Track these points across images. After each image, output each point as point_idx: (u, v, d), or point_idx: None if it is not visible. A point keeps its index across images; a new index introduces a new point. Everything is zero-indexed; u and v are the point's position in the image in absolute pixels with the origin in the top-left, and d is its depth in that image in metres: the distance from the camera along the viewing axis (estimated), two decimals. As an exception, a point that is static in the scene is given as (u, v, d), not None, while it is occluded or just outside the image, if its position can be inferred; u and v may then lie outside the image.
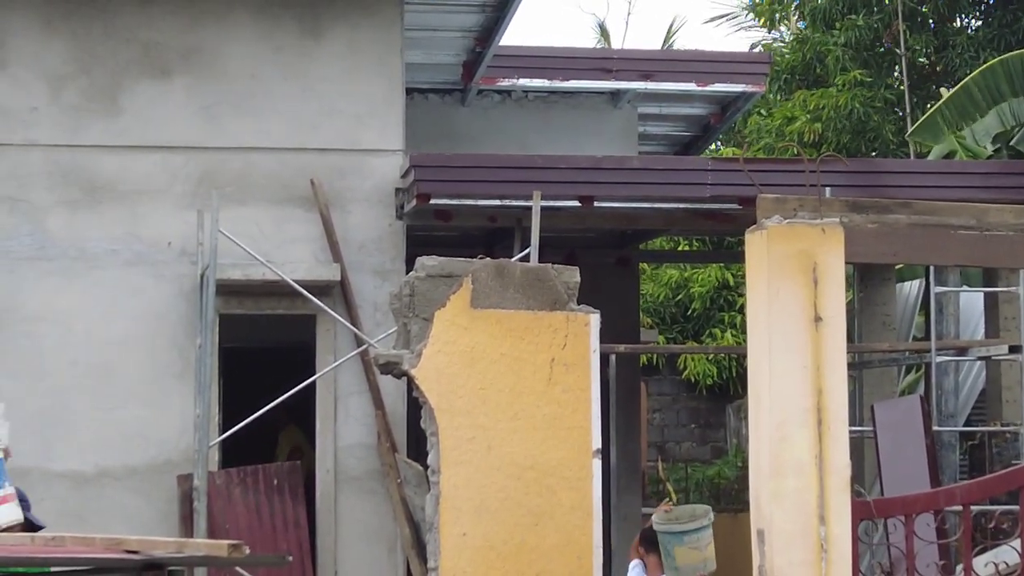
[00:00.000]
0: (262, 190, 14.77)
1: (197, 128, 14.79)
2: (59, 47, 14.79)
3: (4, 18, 14.69)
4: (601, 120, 19.30)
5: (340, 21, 15.06)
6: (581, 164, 16.40)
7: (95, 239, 14.62)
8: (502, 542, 12.18)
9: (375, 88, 15.05)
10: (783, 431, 10.10)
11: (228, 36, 14.91)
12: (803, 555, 9.91)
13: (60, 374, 14.36)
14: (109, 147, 14.69)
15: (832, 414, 10.18)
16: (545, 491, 12.31)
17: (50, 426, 14.27)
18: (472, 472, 12.14)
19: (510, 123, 18.80)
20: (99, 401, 14.10)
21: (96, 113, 14.76)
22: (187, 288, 14.52)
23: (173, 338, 14.57)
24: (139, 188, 14.67)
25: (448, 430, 12.25)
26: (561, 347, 12.37)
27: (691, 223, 18.13)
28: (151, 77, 14.79)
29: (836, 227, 10.22)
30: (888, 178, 15.92)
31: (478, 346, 12.30)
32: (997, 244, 11.57)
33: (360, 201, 14.82)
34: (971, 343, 16.95)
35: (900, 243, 11.62)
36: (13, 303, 14.44)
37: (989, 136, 20.60)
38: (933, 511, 12.63)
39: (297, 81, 14.97)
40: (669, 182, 16.97)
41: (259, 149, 14.82)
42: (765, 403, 10.17)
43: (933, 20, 26.04)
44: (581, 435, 12.32)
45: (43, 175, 14.64)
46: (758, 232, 10.24)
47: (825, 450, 10.11)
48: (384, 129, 15.01)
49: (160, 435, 14.37)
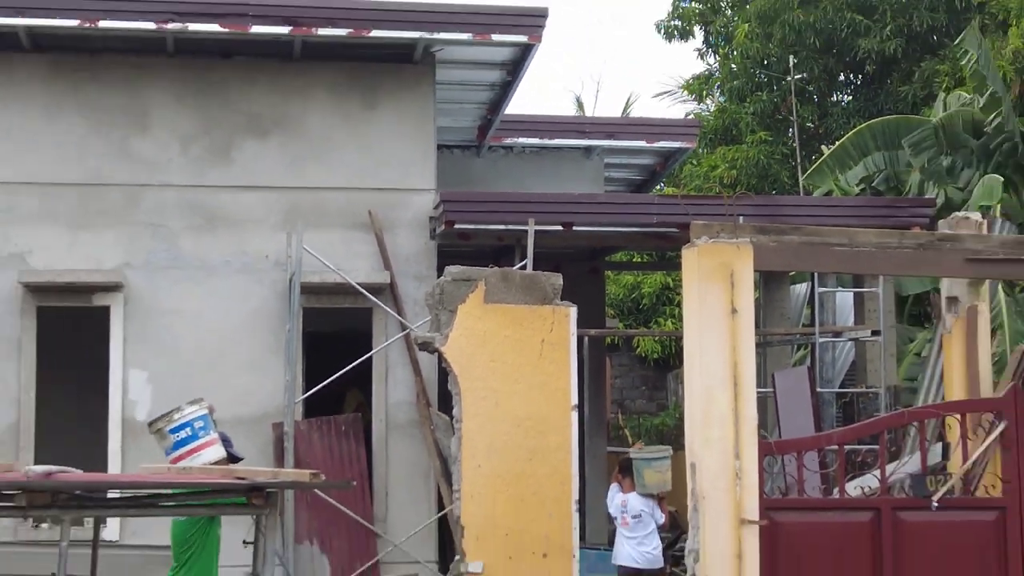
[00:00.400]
0: (333, 218, 14.78)
1: (286, 174, 14.82)
2: (188, 115, 14.79)
3: (149, 95, 14.71)
4: (578, 168, 19.28)
5: (390, 97, 15.08)
6: (563, 199, 16.44)
7: (214, 254, 14.62)
8: (506, 471, 12.24)
9: (415, 145, 15.06)
10: (710, 393, 10.18)
11: (308, 108, 14.94)
12: (723, 482, 9.97)
13: (190, 353, 14.37)
14: (223, 187, 14.70)
15: (744, 380, 10.26)
16: (537, 435, 12.36)
17: (183, 390, 14.15)
18: (484, 421, 12.20)
19: (511, 170, 18.81)
20: (218, 372, 14.10)
21: (214, 162, 14.76)
22: (279, 289, 14.53)
23: (269, 326, 14.58)
24: (245, 217, 14.69)
25: (467, 391, 12.33)
26: (549, 331, 12.45)
27: (642, 242, 18.14)
28: (254, 137, 14.78)
29: (747, 245, 10.29)
30: (784, 210, 15.97)
31: (489, 331, 12.37)
32: (863, 257, 11.67)
33: (404, 226, 14.85)
34: (844, 328, 16.98)
35: (793, 256, 11.69)
36: (155, 302, 14.44)
37: (857, 179, 20.61)
38: (817, 449, 12.68)
39: (359, 140, 14.96)
40: (627, 212, 17.06)
41: (331, 189, 14.84)
42: (696, 372, 10.26)
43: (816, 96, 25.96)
44: (563, 395, 12.37)
45: (176, 207, 14.63)
46: (691, 248, 10.39)
47: (740, 406, 10.17)
48: (421, 174, 15.04)
49: (260, 395, 14.40)
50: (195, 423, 9.01)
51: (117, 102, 14.74)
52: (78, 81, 14.74)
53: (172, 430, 8.93)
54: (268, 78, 15.03)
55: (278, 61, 14.98)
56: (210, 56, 14.90)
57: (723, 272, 10.49)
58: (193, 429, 8.95)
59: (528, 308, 12.40)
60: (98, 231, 14.58)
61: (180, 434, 8.90)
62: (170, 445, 8.96)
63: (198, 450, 8.81)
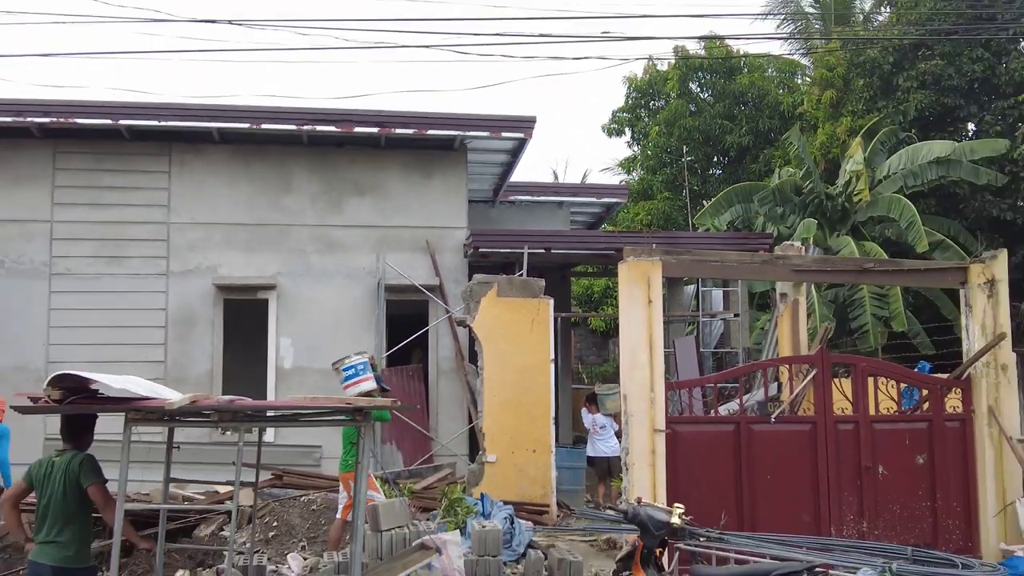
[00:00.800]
0: (404, 245, 14.71)
1: (376, 218, 14.75)
2: (315, 182, 14.75)
3: (291, 169, 14.67)
4: (553, 214, 19.20)
5: (439, 171, 15.04)
6: (545, 234, 16.40)
7: (330, 267, 14.59)
8: (510, 400, 12.31)
9: (454, 200, 15.05)
10: (634, 352, 10.16)
11: (389, 177, 14.87)
12: (643, 405, 9.95)
13: (315, 327, 14.33)
14: (337, 226, 14.65)
15: (656, 344, 10.23)
16: (529, 379, 12.43)
17: (311, 350, 14.20)
18: (498, 369, 12.28)
19: (513, 216, 18.77)
20: (332, 339, 14.00)
21: (331, 211, 14.69)
22: (371, 289, 14.48)
23: (364, 311, 14.51)
24: (350, 245, 14.62)
25: (487, 351, 12.43)
26: (536, 315, 12.54)
27: (594, 260, 18.19)
28: (355, 195, 14.75)
29: (657, 262, 10.29)
30: (680, 240, 15.88)
31: (500, 314, 12.44)
32: (728, 268, 11.63)
33: (448, 250, 14.81)
34: (717, 313, 16.93)
35: (686, 268, 11.68)
36: (295, 296, 14.40)
37: (725, 223, 20.55)
38: (700, 387, 12.67)
39: (420, 197, 14.91)
40: (584, 242, 17.11)
41: (403, 227, 14.77)
42: (627, 339, 10.22)
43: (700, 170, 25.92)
44: (544, 353, 12.46)
45: (308, 239, 14.59)
46: (624, 263, 10.35)
47: (653, 360, 10.16)
48: (458, 218, 15.00)
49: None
50: (357, 366, 9.38)
51: (272, 173, 14.75)
52: (248, 161, 14.76)
53: (343, 369, 9.38)
54: (365, 159, 14.95)
55: (371, 148, 14.89)
56: (329, 145, 14.87)
57: (643, 278, 10.53)
58: (356, 370, 9.34)
59: (524, 300, 12.54)
60: (260, 253, 14.58)
61: (347, 372, 9.36)
62: (342, 378, 9.41)
63: (358, 383, 9.23)
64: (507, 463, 11.83)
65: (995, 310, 11.15)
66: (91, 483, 6.00)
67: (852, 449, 10.63)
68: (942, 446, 10.90)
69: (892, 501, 10.66)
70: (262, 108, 14.51)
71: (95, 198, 14.37)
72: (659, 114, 26.30)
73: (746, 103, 25.33)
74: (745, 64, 25.76)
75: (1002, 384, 11.04)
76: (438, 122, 14.66)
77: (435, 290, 14.62)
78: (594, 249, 16.54)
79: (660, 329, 10.48)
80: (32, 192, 14.27)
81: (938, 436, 10.92)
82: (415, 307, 14.94)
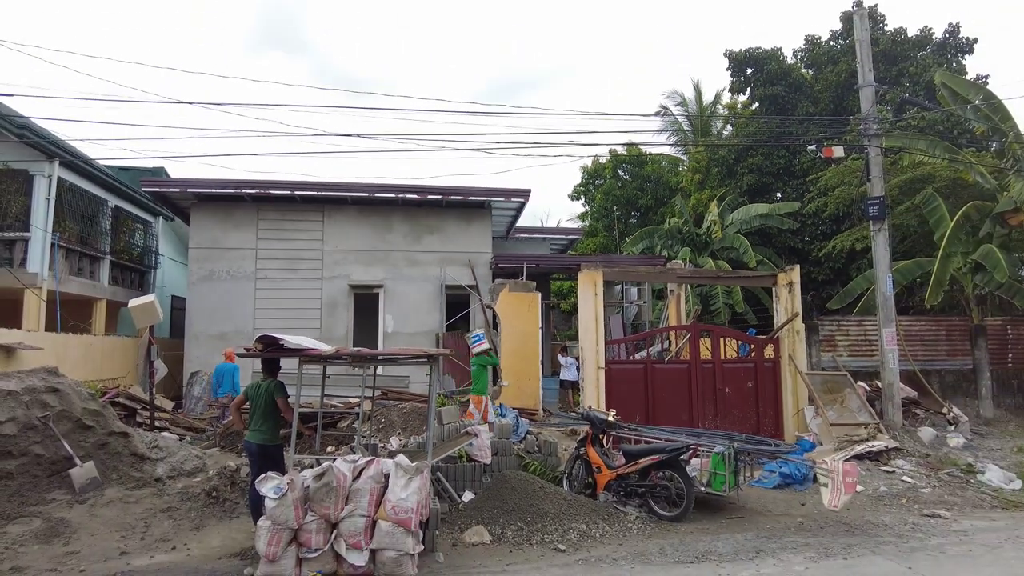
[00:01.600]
0: (456, 262, 14.55)
1: (440, 246, 14.61)
2: (405, 226, 14.61)
3: (391, 218, 14.50)
4: (540, 245, 19.16)
5: (476, 220, 14.87)
6: (536, 256, 16.36)
7: (415, 275, 14.45)
8: (517, 351, 12.24)
9: (484, 237, 14.88)
10: (587, 323, 10.12)
11: (446, 223, 14.75)
12: (592, 353, 9.92)
13: (406, 309, 14.20)
14: (418, 251, 14.56)
15: (599, 319, 10.20)
16: (527, 339, 12.36)
17: (404, 323, 14.11)
18: (509, 333, 12.19)
19: (518, 246, 18.59)
20: (416, 316, 13.98)
21: (414, 242, 14.55)
22: (437, 287, 14.36)
23: (433, 300, 14.36)
24: (425, 262, 14.50)
25: (504, 323, 12.34)
26: (531, 302, 12.46)
27: (564, 271, 17.86)
28: (427, 233, 14.66)
29: (600, 271, 10.26)
30: (614, 259, 15.84)
31: (511, 301, 12.35)
32: (641, 274, 11.56)
33: (481, 265, 14.63)
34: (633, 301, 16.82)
35: (617, 276, 11.56)
36: (394, 291, 14.34)
37: (640, 250, 20.40)
38: (623, 343, 12.56)
39: (465, 235, 14.75)
40: (558, 260, 16.91)
41: (455, 252, 14.61)
42: (583, 316, 10.18)
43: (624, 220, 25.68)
44: (536, 324, 12.39)
45: (401, 258, 14.47)
46: (581, 273, 10.29)
47: (598, 327, 10.13)
48: (487, 247, 14.82)
49: (430, 324, 14.21)
50: (476, 336, 9.82)
51: (380, 221, 14.64)
52: (367, 213, 14.64)
53: (473, 338, 9.83)
54: (434, 212, 14.77)
55: (437, 207, 14.75)
56: (413, 205, 14.69)
57: (592, 281, 10.52)
58: (477, 337, 9.79)
59: (524, 294, 12.49)
60: (374, 267, 14.48)
61: (475, 339, 9.78)
62: (471, 341, 9.87)
63: (478, 346, 9.62)
64: (514, 386, 11.82)
65: (792, 300, 11.16)
66: (279, 396, 6.09)
67: (710, 379, 10.66)
68: (762, 377, 10.92)
69: (733, 408, 10.68)
70: (375, 184, 14.45)
71: (280, 235, 14.40)
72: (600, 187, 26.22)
73: (650, 181, 25.18)
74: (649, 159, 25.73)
75: (797, 341, 11.06)
76: (475, 192, 14.60)
77: (474, 288, 14.53)
78: (564, 264, 16.46)
79: (601, 310, 10.51)
80: (245, 232, 14.31)
81: (760, 371, 10.95)
82: (462, 297, 14.87)
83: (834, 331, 13.41)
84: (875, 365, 12.15)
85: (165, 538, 6.23)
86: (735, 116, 22.46)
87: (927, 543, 6.25)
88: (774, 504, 7.72)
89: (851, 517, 7.15)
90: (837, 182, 15.99)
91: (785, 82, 19.87)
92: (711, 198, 20.87)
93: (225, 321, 13.86)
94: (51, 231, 12.62)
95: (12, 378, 7.36)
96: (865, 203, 11.31)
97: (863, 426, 10.22)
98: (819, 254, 17.74)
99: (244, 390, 6.30)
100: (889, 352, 10.90)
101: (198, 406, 12.10)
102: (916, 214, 14.55)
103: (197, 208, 14.25)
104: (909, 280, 14.59)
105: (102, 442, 7.42)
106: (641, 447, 7.57)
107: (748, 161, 19.98)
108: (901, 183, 14.02)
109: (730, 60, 20.57)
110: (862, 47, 11.38)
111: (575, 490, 7.45)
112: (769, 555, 5.78)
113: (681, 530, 6.63)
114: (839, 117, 17.03)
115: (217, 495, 7.11)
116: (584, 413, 8.21)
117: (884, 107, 16.37)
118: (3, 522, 6.29)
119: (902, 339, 12.66)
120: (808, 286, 17.76)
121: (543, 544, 6.09)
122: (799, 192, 19.22)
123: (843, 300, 15.52)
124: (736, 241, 18.62)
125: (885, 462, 9.38)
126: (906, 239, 16.10)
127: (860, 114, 11.53)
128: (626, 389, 10.32)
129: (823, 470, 6.71)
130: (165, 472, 7.53)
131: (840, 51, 20.02)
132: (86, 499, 6.81)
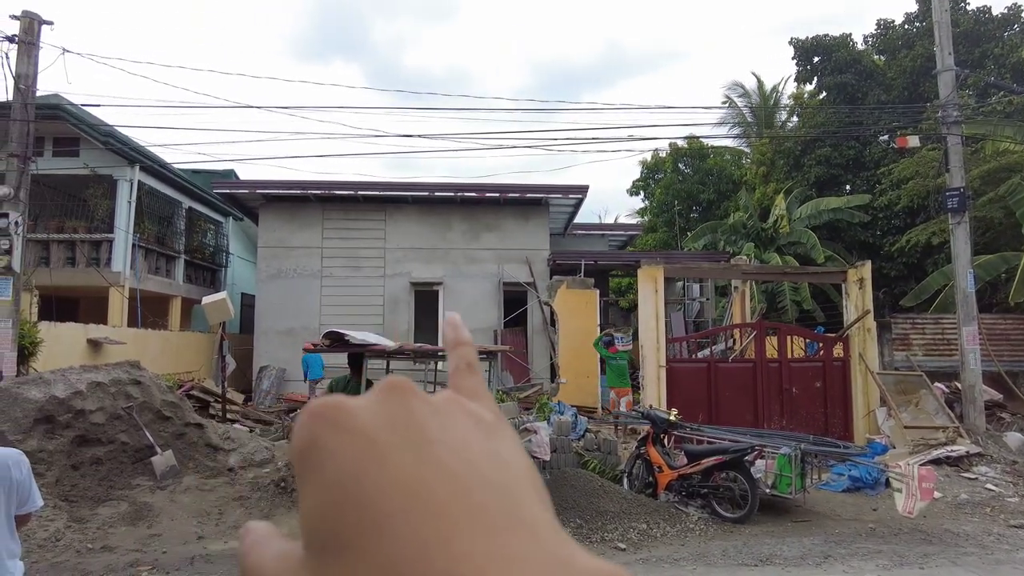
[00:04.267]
0: (514, 259, 14.59)
1: (498, 244, 14.69)
2: (464, 224, 14.77)
3: (450, 218, 14.70)
4: (599, 241, 19.08)
5: (534, 216, 14.90)
6: (595, 252, 16.26)
7: (473, 272, 14.60)
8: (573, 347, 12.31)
9: (542, 234, 14.87)
10: (647, 320, 10.06)
11: (504, 220, 14.81)
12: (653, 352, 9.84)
13: (467, 304, 14.27)
14: (477, 248, 14.69)
15: (660, 316, 10.13)
16: (584, 334, 12.36)
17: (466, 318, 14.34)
18: (567, 330, 12.24)
19: (576, 242, 18.46)
20: (475, 311, 14.08)
21: (472, 240, 14.70)
22: (496, 284, 14.46)
23: (492, 296, 14.49)
24: (484, 259, 14.62)
25: (561, 320, 12.39)
26: (589, 299, 12.45)
27: (623, 268, 17.77)
28: (486, 231, 14.71)
29: (661, 268, 10.17)
30: (674, 255, 15.66)
31: (568, 299, 12.38)
32: (703, 271, 11.38)
33: (539, 261, 14.63)
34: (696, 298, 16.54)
35: (678, 272, 11.44)
36: (453, 288, 14.50)
37: (701, 246, 20.04)
38: (686, 341, 12.36)
39: (524, 232, 14.79)
40: (617, 257, 16.87)
41: (513, 249, 14.67)
42: (643, 313, 10.14)
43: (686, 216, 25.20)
44: (594, 321, 12.37)
45: (460, 255, 14.65)
46: (641, 269, 10.22)
47: (659, 326, 10.04)
48: (544, 244, 14.82)
49: (489, 320, 14.29)
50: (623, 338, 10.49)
51: (439, 220, 14.81)
52: (427, 213, 14.84)
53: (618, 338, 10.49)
54: (492, 210, 14.85)
55: (495, 204, 14.81)
56: (472, 204, 14.82)
57: (652, 278, 10.43)
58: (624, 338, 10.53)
59: (582, 291, 12.47)
60: (434, 264, 14.70)
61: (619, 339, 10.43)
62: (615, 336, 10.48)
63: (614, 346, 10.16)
64: (573, 384, 11.80)
65: (863, 297, 10.75)
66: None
67: (776, 378, 10.38)
68: (830, 376, 10.57)
69: (800, 409, 10.38)
70: (434, 184, 14.70)
71: (344, 234, 14.79)
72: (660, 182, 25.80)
73: (712, 174, 24.60)
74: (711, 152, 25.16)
75: (868, 340, 10.66)
76: (533, 189, 14.63)
77: (531, 285, 14.55)
78: (623, 261, 16.37)
79: (662, 307, 10.40)
80: (311, 231, 14.75)
81: (828, 370, 10.59)
82: (520, 294, 14.93)
83: (908, 329, 12.82)
84: (954, 365, 11.55)
85: (237, 525, 6.52)
86: (801, 106, 21.72)
87: (1014, 556, 5.92)
88: (843, 508, 7.48)
89: (928, 525, 6.84)
90: (911, 173, 15.27)
91: (855, 69, 19.07)
92: (777, 191, 20.20)
93: (292, 317, 14.33)
94: (132, 232, 13.38)
95: (100, 370, 7.86)
96: (943, 195, 10.78)
97: (941, 429, 9.74)
98: (891, 249, 16.96)
99: (330, 384, 6.52)
100: (970, 352, 10.37)
101: (267, 399, 12.60)
102: (1001, 205, 13.75)
103: (265, 208, 14.78)
104: (992, 276, 13.82)
105: (179, 432, 7.84)
106: (704, 447, 7.45)
107: (815, 153, 19.26)
108: (983, 173, 13.27)
109: (796, 49, 19.88)
110: (941, 28, 10.82)
111: (635, 489, 7.40)
112: (838, 561, 5.61)
113: (745, 532, 6.51)
114: (914, 105, 16.22)
115: (285, 485, 7.40)
116: (645, 412, 8.14)
117: (965, 92, 15.49)
118: (95, 504, 6.74)
119: (984, 338, 11.97)
120: (880, 282, 16.97)
121: (603, 543, 6.09)
122: (870, 184, 18.44)
123: (918, 297, 14.84)
124: (803, 236, 17.97)
125: (966, 468, 8.91)
126: (988, 231, 15.25)
127: (938, 100, 10.97)
128: (688, 388, 10.15)
129: (897, 474, 6.46)
130: (237, 462, 7.87)
131: (916, 34, 19.06)
132: (166, 485, 7.22)
